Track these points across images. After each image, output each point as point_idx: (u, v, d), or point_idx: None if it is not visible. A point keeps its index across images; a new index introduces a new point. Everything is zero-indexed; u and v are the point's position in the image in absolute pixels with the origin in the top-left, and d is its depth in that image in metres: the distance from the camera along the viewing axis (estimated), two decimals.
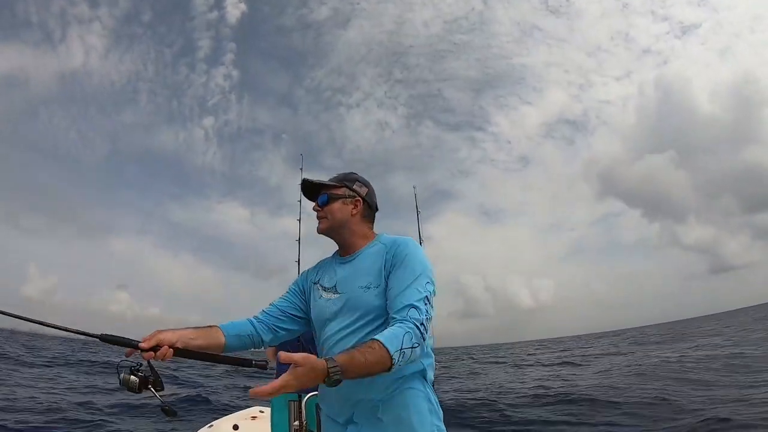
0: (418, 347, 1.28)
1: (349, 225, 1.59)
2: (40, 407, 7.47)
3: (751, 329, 25.02)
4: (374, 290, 1.44)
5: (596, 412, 7.20)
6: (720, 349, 15.04)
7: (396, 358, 1.22)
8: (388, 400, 1.39)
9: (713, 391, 7.87)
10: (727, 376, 9.43)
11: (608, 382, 10.14)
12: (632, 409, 7.01)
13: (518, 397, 9.49)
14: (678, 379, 9.56)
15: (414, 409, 1.40)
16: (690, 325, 53.33)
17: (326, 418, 1.55)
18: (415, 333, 1.28)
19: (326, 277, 1.60)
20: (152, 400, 1.38)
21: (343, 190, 1.60)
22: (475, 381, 13.93)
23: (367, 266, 1.50)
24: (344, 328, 1.45)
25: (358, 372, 1.18)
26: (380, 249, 1.52)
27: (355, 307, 1.45)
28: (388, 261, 1.46)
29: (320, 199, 1.60)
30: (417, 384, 1.43)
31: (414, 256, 1.45)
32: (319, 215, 1.61)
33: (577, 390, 9.46)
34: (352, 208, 1.59)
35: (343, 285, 1.52)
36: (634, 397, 7.87)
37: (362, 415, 1.41)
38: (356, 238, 1.60)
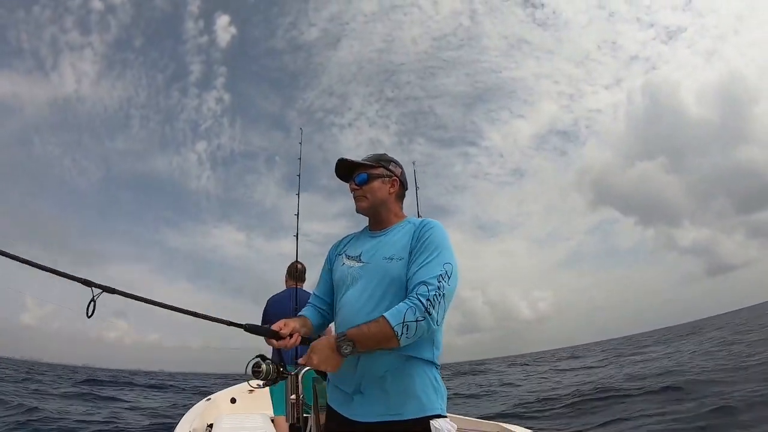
0: (423, 321, 1.33)
1: (387, 203, 1.65)
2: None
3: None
4: (397, 262, 1.49)
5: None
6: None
7: (398, 330, 1.31)
8: (395, 374, 1.43)
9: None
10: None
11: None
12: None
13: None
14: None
15: (420, 385, 1.44)
16: (693, 327, 52.76)
17: (333, 388, 1.58)
18: (419, 307, 1.33)
19: (352, 247, 1.67)
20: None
21: (381, 170, 1.64)
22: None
23: (394, 241, 1.56)
24: (362, 294, 1.49)
25: (366, 343, 1.34)
26: (409, 228, 1.58)
27: (375, 276, 1.50)
28: (414, 239, 1.52)
29: (359, 178, 1.63)
30: (425, 365, 1.47)
31: (438, 237, 1.50)
32: (358, 194, 1.64)
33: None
34: (389, 188, 1.65)
35: (368, 255, 1.57)
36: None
37: (369, 386, 1.45)
38: (391, 216, 1.66)
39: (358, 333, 1.34)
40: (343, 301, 1.55)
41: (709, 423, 5.75)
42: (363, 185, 1.63)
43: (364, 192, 1.63)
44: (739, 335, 20.58)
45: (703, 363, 12.11)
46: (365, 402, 1.44)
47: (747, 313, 68.27)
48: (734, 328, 28.24)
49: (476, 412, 8.49)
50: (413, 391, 1.42)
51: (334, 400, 1.56)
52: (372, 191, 1.63)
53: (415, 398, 1.42)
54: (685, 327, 71.90)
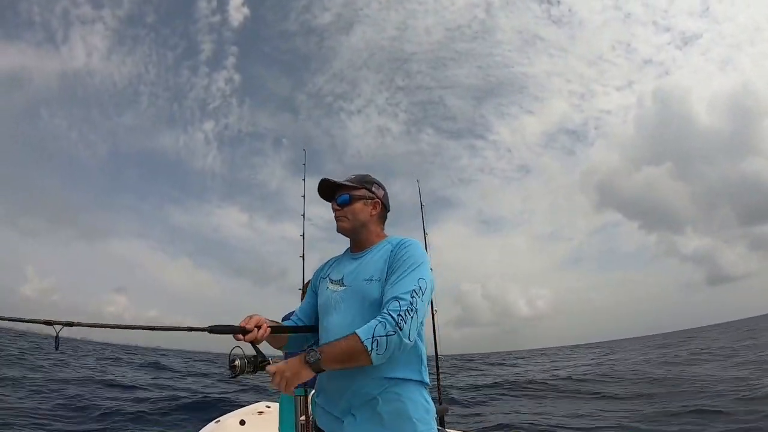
0: (394, 335, 1.33)
1: (368, 225, 1.66)
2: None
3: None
4: (376, 283, 1.50)
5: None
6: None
7: (368, 345, 1.31)
8: (386, 396, 1.42)
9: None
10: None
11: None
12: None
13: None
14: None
15: (412, 406, 1.43)
16: (691, 336, 53.24)
17: (322, 411, 1.57)
18: (389, 322, 1.34)
19: (335, 271, 1.68)
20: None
21: (363, 192, 1.66)
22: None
23: (373, 261, 1.57)
24: (345, 319, 1.50)
25: (335, 356, 1.34)
26: (387, 248, 1.59)
27: (357, 299, 1.52)
28: (391, 258, 1.53)
29: (341, 199, 1.65)
30: (415, 385, 1.48)
31: (414, 254, 1.52)
32: (339, 215, 1.65)
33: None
34: (371, 210, 1.66)
35: (349, 278, 1.59)
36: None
37: (360, 409, 1.44)
38: (371, 237, 1.67)
39: (328, 345, 1.36)
40: (327, 327, 1.56)
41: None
42: (344, 206, 1.64)
43: (345, 213, 1.64)
44: (696, 353, 20.49)
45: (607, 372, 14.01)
46: (357, 425, 1.43)
47: (740, 325, 69.03)
48: (708, 343, 28.38)
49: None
50: (406, 412, 1.42)
51: (324, 423, 1.56)
52: (353, 213, 1.64)
53: (408, 420, 1.42)
54: (676, 335, 72.71)
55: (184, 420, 7.41)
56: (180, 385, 12.32)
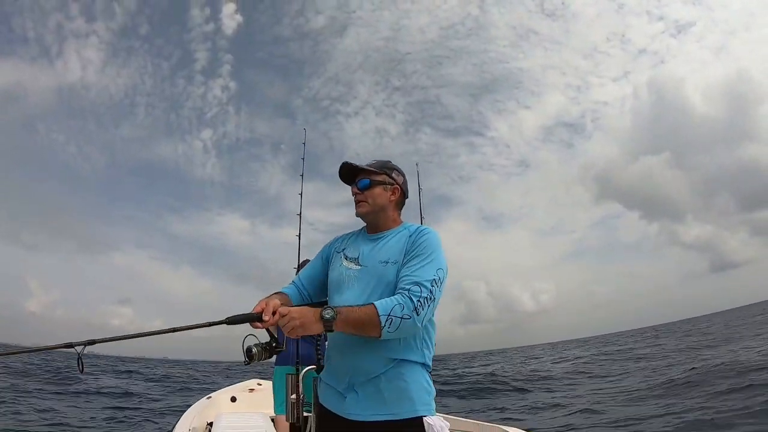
0: (409, 320, 1.36)
1: (386, 210, 1.68)
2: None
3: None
4: (392, 266, 1.53)
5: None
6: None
7: (383, 321, 1.35)
8: (389, 375, 1.46)
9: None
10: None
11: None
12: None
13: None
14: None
15: (414, 386, 1.47)
16: (697, 324, 52.92)
17: (325, 387, 1.60)
18: (407, 305, 1.37)
19: (351, 248, 1.69)
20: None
21: (383, 177, 1.68)
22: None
23: (390, 245, 1.60)
24: (359, 298, 1.51)
25: (349, 321, 1.37)
26: (405, 233, 1.62)
27: (372, 280, 1.54)
28: (409, 243, 1.56)
29: (361, 183, 1.66)
30: (418, 367, 1.52)
31: (433, 242, 1.55)
32: (359, 198, 1.67)
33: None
34: (390, 195, 1.69)
35: (365, 258, 1.61)
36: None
37: (363, 385, 1.47)
38: (389, 221, 1.69)
39: (345, 308, 1.38)
40: (338, 302, 1.56)
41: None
42: (365, 190, 1.66)
43: (366, 197, 1.66)
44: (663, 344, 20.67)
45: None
46: (359, 400, 1.46)
47: (740, 312, 68.59)
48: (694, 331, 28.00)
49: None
50: (407, 392, 1.46)
51: (326, 399, 1.58)
52: (373, 197, 1.66)
53: (409, 399, 1.46)
54: (680, 324, 72.38)
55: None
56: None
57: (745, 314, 53.35)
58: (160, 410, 9.50)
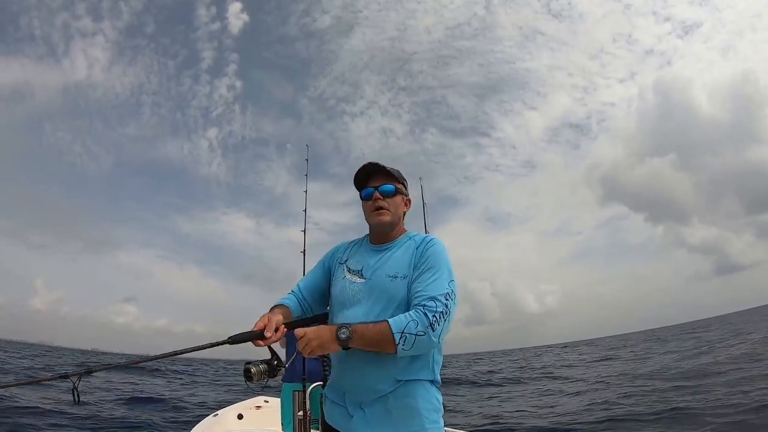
0: (424, 336, 1.33)
1: (399, 222, 1.63)
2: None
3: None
4: (401, 281, 1.47)
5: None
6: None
7: (397, 338, 1.32)
8: (397, 392, 1.43)
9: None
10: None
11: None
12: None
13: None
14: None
15: (423, 404, 1.44)
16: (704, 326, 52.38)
17: (332, 405, 1.56)
18: (422, 321, 1.33)
19: (354, 259, 1.62)
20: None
21: (402, 186, 1.63)
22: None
23: (397, 258, 1.54)
24: (365, 313, 1.46)
25: (366, 339, 1.35)
26: (411, 244, 1.56)
27: (380, 295, 1.48)
28: (417, 255, 1.51)
29: (386, 188, 1.57)
30: (427, 384, 1.48)
31: (441, 255, 1.50)
32: (381, 204, 1.57)
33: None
34: (404, 206, 1.65)
35: (370, 271, 1.54)
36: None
37: (371, 404, 1.44)
38: (396, 232, 1.63)
39: (361, 326, 1.36)
40: (342, 319, 1.51)
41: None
42: (388, 197, 1.57)
43: (389, 205, 1.57)
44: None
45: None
46: (366, 419, 1.44)
47: (743, 317, 67.92)
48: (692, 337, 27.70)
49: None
50: (416, 410, 1.43)
51: (332, 417, 1.55)
52: (395, 206, 1.59)
53: (418, 417, 1.43)
54: (689, 326, 71.68)
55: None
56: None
57: (752, 317, 52.66)
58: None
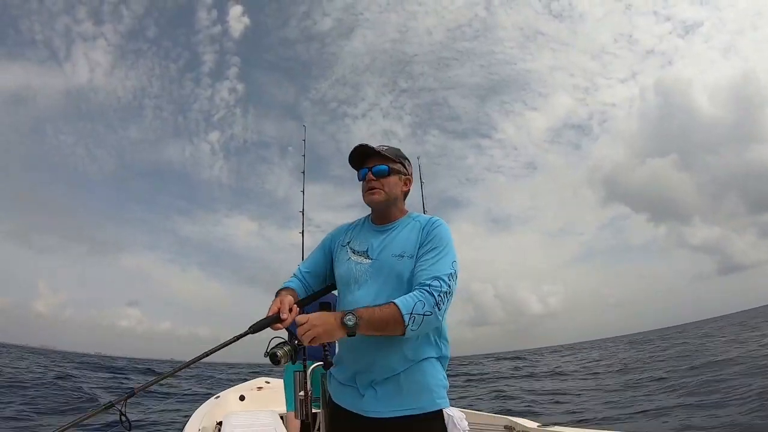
0: (431, 315, 1.35)
1: (397, 201, 1.63)
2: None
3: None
4: (407, 260, 1.48)
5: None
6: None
7: (407, 320, 1.32)
8: (408, 371, 1.45)
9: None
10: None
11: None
12: None
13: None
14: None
15: (432, 379, 1.47)
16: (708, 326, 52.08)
17: (339, 385, 1.56)
18: (428, 301, 1.35)
19: (357, 240, 1.63)
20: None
21: (399, 166, 1.61)
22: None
23: (402, 238, 1.55)
24: (372, 293, 1.47)
25: (373, 323, 1.33)
26: (416, 225, 1.57)
27: (386, 275, 1.49)
28: (423, 235, 1.52)
29: (378, 169, 1.57)
30: (434, 360, 1.50)
31: (446, 236, 1.51)
32: (373, 185, 1.57)
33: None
34: (402, 185, 1.63)
35: (375, 252, 1.55)
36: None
37: (383, 383, 1.45)
38: (397, 212, 1.63)
39: (367, 310, 1.34)
40: (351, 301, 1.52)
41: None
42: (381, 177, 1.57)
43: (382, 184, 1.57)
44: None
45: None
46: (379, 398, 1.45)
47: (742, 317, 67.53)
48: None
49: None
50: (427, 385, 1.45)
51: (341, 397, 1.55)
52: (389, 185, 1.58)
53: (429, 392, 1.45)
54: (693, 326, 71.33)
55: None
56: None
57: (756, 317, 52.36)
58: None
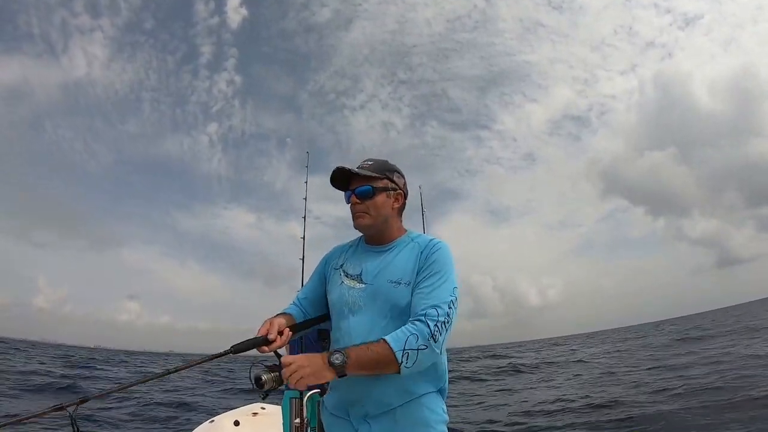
0: (426, 349, 1.25)
1: (390, 220, 1.50)
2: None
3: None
4: (404, 287, 1.38)
5: None
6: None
7: (400, 357, 1.23)
8: (406, 405, 1.37)
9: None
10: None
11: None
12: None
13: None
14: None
15: (430, 415, 1.39)
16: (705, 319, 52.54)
17: (332, 417, 1.49)
18: (422, 333, 1.25)
19: (351, 263, 1.52)
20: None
21: (385, 182, 1.48)
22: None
23: (400, 262, 1.43)
24: (367, 321, 1.39)
25: (363, 363, 1.24)
26: (414, 247, 1.46)
27: (382, 302, 1.39)
28: (422, 260, 1.40)
29: (361, 190, 1.45)
30: (434, 394, 1.43)
31: (447, 260, 1.40)
32: (359, 209, 1.46)
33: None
34: (393, 202, 1.49)
35: (370, 276, 1.44)
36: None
37: (378, 417, 1.38)
38: (393, 231, 1.51)
39: (357, 349, 1.25)
40: (344, 329, 1.43)
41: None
42: (365, 199, 1.45)
43: (367, 207, 1.45)
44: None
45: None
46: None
47: (741, 310, 68.11)
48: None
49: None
50: (425, 422, 1.38)
51: (334, 430, 1.48)
52: (376, 207, 1.45)
53: (425, 425, 1.38)
54: (686, 319, 72.13)
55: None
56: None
57: (755, 310, 52.72)
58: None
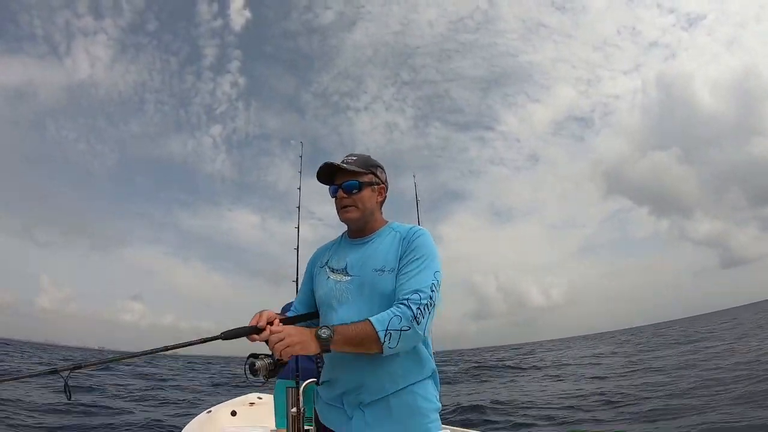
0: (408, 330, 1.30)
1: (374, 213, 1.57)
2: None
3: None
4: (389, 274, 1.43)
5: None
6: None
7: (382, 336, 1.28)
8: (400, 393, 1.41)
9: None
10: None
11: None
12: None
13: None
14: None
15: (423, 401, 1.43)
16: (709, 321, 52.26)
17: (326, 406, 1.52)
18: (405, 315, 1.30)
19: (335, 259, 1.57)
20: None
21: (370, 177, 1.55)
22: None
23: (382, 250, 1.49)
24: (354, 311, 1.42)
25: (348, 339, 1.29)
26: (395, 235, 1.52)
27: (369, 292, 1.44)
28: (403, 247, 1.46)
29: (348, 185, 1.51)
30: (427, 381, 1.47)
31: (427, 245, 1.46)
32: (346, 203, 1.52)
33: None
34: (377, 196, 1.57)
35: (355, 267, 1.49)
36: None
37: (370, 405, 1.41)
38: (375, 224, 1.58)
39: (343, 326, 1.31)
40: (334, 319, 1.46)
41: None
42: (353, 194, 1.51)
43: (354, 201, 1.52)
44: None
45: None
46: (367, 421, 1.40)
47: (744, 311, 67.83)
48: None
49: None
50: (419, 409, 1.41)
51: (328, 419, 1.51)
52: (362, 201, 1.52)
53: (420, 416, 1.41)
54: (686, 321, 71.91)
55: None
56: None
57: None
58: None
